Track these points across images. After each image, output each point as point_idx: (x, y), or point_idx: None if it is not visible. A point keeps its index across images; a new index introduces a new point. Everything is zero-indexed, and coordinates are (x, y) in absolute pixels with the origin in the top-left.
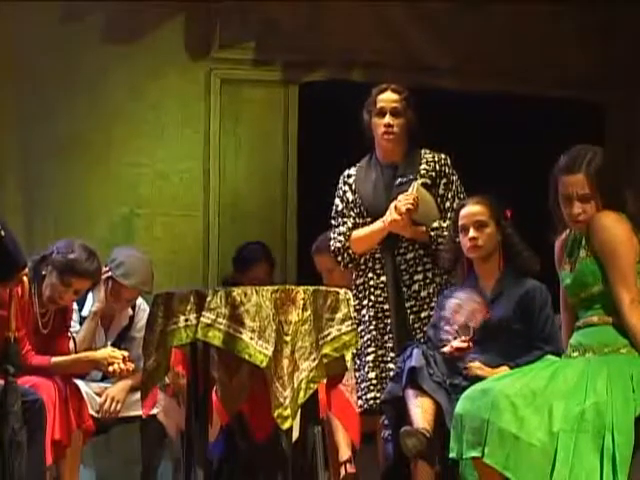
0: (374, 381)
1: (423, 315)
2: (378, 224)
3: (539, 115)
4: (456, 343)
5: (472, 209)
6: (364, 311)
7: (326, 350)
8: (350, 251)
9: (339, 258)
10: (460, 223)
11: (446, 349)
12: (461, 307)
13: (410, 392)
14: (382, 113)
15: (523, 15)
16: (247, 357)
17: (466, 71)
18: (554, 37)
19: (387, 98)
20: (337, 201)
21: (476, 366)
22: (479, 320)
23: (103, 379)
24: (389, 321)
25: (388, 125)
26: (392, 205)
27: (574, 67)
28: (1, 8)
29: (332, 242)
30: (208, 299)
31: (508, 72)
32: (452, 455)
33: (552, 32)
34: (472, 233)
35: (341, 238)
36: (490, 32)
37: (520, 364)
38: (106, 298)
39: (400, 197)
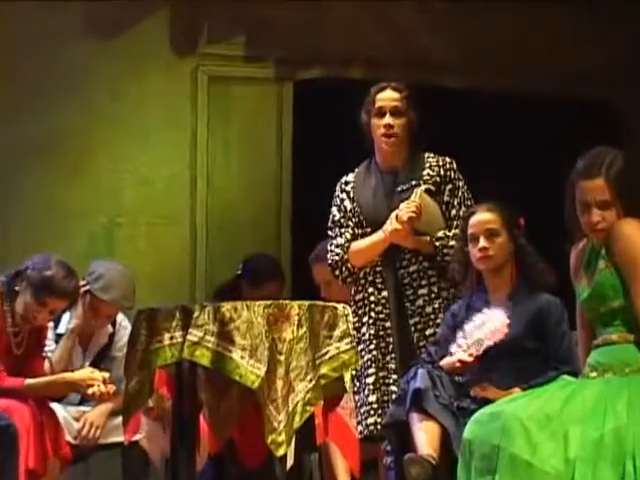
0: (375, 405)
1: (428, 333)
2: (378, 235)
3: (553, 115)
4: (461, 355)
5: (482, 217)
6: (364, 329)
7: (323, 370)
8: (349, 264)
9: (337, 272)
10: (469, 232)
11: (447, 360)
12: (485, 324)
13: (414, 416)
14: (381, 113)
15: (534, 8)
16: (238, 378)
17: (473, 68)
18: (568, 34)
19: (387, 97)
20: (334, 210)
21: (486, 387)
22: (496, 340)
23: (81, 402)
24: (391, 340)
25: (388, 126)
26: (393, 214)
27: (586, 65)
28: None
29: (329, 255)
30: (195, 315)
31: (519, 70)
32: None
33: (567, 28)
34: (482, 243)
35: (339, 250)
36: (498, 26)
37: (533, 385)
38: (84, 314)
39: (402, 205)
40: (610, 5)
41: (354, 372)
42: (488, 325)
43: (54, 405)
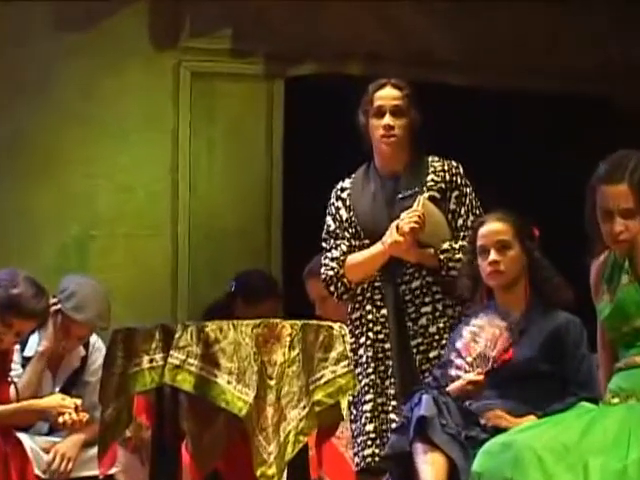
0: (372, 435)
1: (432, 355)
2: (377, 247)
3: (563, 114)
4: (470, 376)
5: (493, 227)
6: (361, 351)
7: (318, 396)
8: (345, 280)
9: (331, 288)
10: (478, 244)
11: (455, 384)
12: (478, 335)
13: (419, 446)
14: (381, 113)
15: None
16: (224, 405)
17: (479, 65)
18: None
19: (386, 95)
20: (329, 220)
21: (497, 415)
22: (501, 348)
23: (51, 432)
24: (391, 363)
25: (388, 127)
26: (394, 224)
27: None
28: None
29: (323, 269)
30: (177, 336)
31: (528, 66)
32: None
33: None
34: (493, 256)
35: (334, 264)
36: (506, 20)
37: (549, 413)
38: (55, 336)
39: (403, 214)
40: (610, 4)
41: (350, 398)
42: (484, 335)
43: (21, 435)
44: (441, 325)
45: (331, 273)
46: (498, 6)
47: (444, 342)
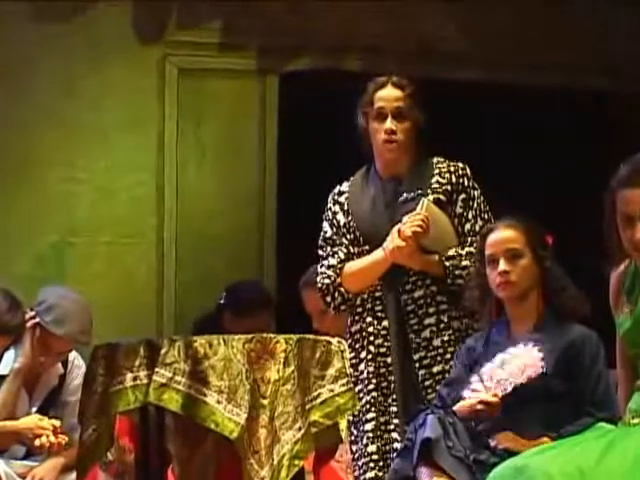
0: (375, 456)
1: (436, 370)
2: (378, 253)
3: (581, 113)
4: (483, 395)
5: (502, 235)
6: (362, 366)
7: (315, 416)
8: (342, 289)
9: (328, 298)
10: (487, 253)
11: (464, 403)
12: (509, 362)
13: (423, 470)
14: (382, 116)
15: None
16: (213, 426)
17: (490, 59)
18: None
19: (387, 96)
20: (326, 225)
21: (508, 437)
22: (526, 378)
23: (27, 456)
24: (393, 378)
25: (390, 131)
26: (395, 228)
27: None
28: None
29: (319, 278)
30: (163, 351)
31: (545, 61)
32: None
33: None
34: (503, 265)
35: (330, 273)
36: (520, 8)
37: (564, 435)
38: (32, 351)
39: (405, 218)
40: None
41: (350, 418)
42: (515, 362)
43: None
44: (446, 338)
45: (327, 282)
46: None
47: (448, 356)
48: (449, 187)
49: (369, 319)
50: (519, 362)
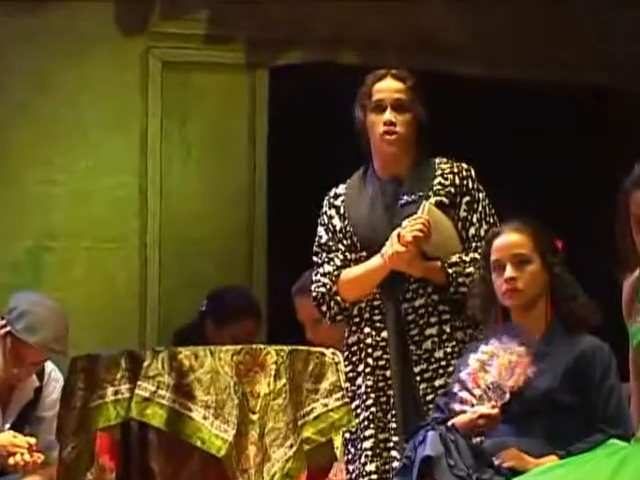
0: (374, 476)
1: (438, 384)
2: (376, 260)
3: (581, 109)
4: (482, 409)
5: (509, 239)
6: (360, 380)
7: (308, 433)
8: (338, 298)
9: (323, 308)
10: (493, 258)
11: (462, 418)
12: (488, 363)
13: None
14: (380, 108)
15: None
16: (199, 444)
17: (495, 52)
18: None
19: (387, 87)
20: (320, 230)
21: (513, 455)
22: (522, 379)
23: (1, 475)
24: (393, 393)
25: (389, 123)
26: (394, 233)
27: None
28: None
29: (314, 286)
30: (146, 364)
31: (545, 58)
32: None
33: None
34: (509, 272)
35: (326, 280)
36: (520, 8)
37: (574, 452)
38: (4, 362)
39: (405, 222)
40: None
41: (347, 435)
42: (496, 362)
43: None
44: (448, 350)
45: (323, 290)
46: None
47: (451, 369)
48: (452, 189)
49: (367, 330)
50: (503, 361)
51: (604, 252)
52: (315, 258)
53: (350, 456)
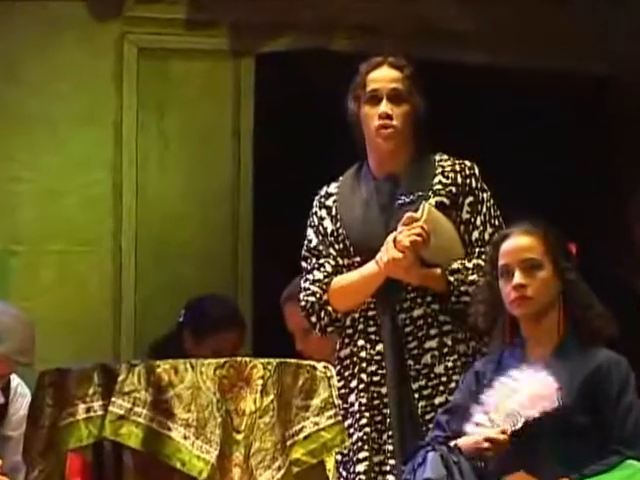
0: None
1: (438, 402)
2: (371, 266)
3: (581, 101)
4: (489, 432)
5: (518, 242)
6: (353, 397)
7: (297, 454)
8: (330, 308)
9: (313, 318)
10: (500, 263)
11: (467, 439)
12: (516, 390)
13: None
14: (376, 99)
15: None
16: (179, 465)
17: (499, 39)
18: None
19: (382, 77)
20: (311, 233)
21: (521, 478)
22: (541, 410)
23: None
24: (389, 412)
25: (385, 115)
26: (390, 237)
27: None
28: None
29: (302, 295)
30: (121, 378)
31: (563, 41)
32: None
33: None
34: (518, 278)
35: (316, 289)
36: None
37: (587, 475)
38: None
39: (401, 225)
40: None
41: (339, 457)
42: (526, 392)
43: None
44: (450, 364)
45: (312, 300)
46: None
47: (453, 385)
48: (454, 188)
49: (361, 342)
50: (530, 392)
51: (608, 251)
52: (304, 264)
53: (342, 479)
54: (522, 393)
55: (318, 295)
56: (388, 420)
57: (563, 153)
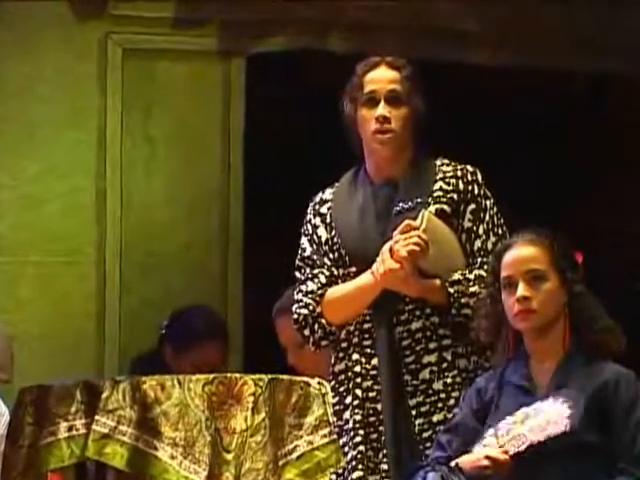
0: None
1: (436, 419)
2: (366, 277)
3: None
4: (490, 450)
5: (522, 252)
6: (347, 414)
7: (290, 474)
8: (323, 321)
9: (306, 332)
10: (503, 274)
11: (467, 457)
12: (529, 417)
13: None
14: (373, 101)
15: None
16: None
17: (505, 39)
18: None
19: (380, 77)
20: (304, 242)
21: None
22: (547, 434)
23: None
24: (384, 429)
25: (382, 119)
26: (386, 246)
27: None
28: None
29: (295, 307)
30: (104, 395)
31: (566, 40)
32: None
33: None
34: (522, 290)
35: (309, 301)
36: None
37: None
38: None
39: (398, 233)
40: None
41: (333, 477)
42: (538, 418)
43: None
44: (449, 380)
45: (305, 312)
46: None
47: (452, 402)
48: (455, 195)
49: (356, 357)
50: (542, 418)
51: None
52: (297, 274)
53: None
54: (535, 419)
55: (311, 307)
56: (384, 438)
57: (562, 155)
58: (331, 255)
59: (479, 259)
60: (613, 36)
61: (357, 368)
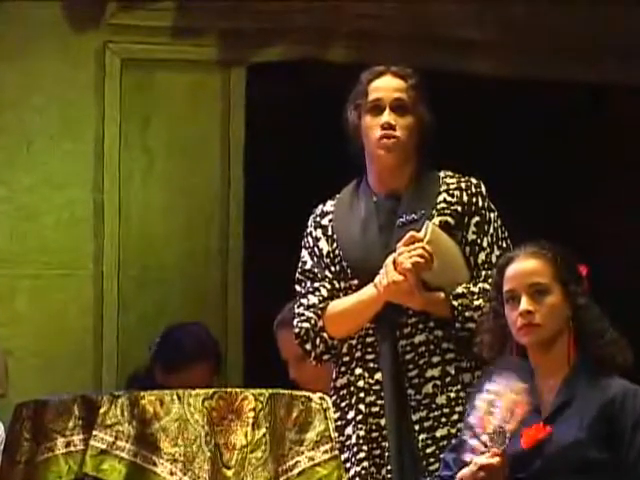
0: None
1: (440, 434)
2: (369, 290)
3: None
4: (481, 459)
5: (525, 266)
6: (350, 429)
7: None
8: (325, 335)
9: (308, 346)
10: (506, 288)
11: (465, 472)
12: (494, 404)
13: None
14: (378, 108)
15: None
16: None
17: (510, 48)
18: None
19: (385, 86)
20: (305, 255)
21: None
22: (518, 417)
23: None
24: (388, 445)
25: (388, 126)
26: (390, 258)
27: None
28: None
29: (296, 321)
30: (102, 410)
31: (574, 49)
32: None
33: None
34: (525, 304)
35: (310, 314)
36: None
37: None
38: None
39: (404, 246)
40: None
41: None
42: (501, 404)
43: None
44: (452, 395)
45: (307, 326)
46: None
47: (456, 417)
48: (459, 208)
49: (358, 371)
50: (506, 401)
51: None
52: (298, 287)
53: None
54: (500, 406)
55: (313, 321)
56: (387, 454)
57: (564, 160)
58: (332, 268)
59: (483, 272)
60: (612, 43)
61: (360, 383)
